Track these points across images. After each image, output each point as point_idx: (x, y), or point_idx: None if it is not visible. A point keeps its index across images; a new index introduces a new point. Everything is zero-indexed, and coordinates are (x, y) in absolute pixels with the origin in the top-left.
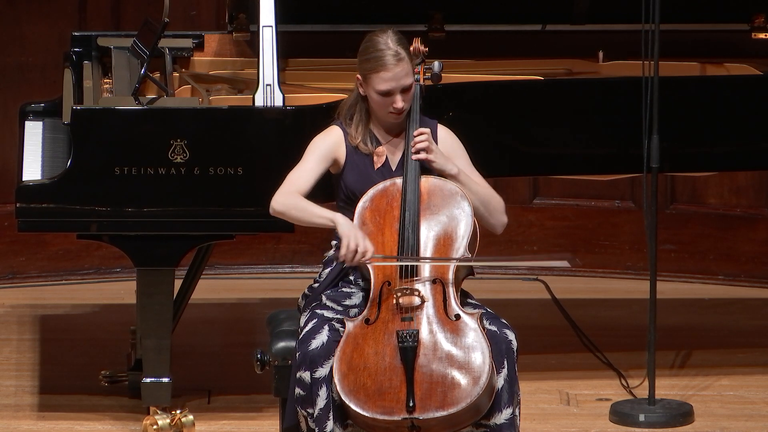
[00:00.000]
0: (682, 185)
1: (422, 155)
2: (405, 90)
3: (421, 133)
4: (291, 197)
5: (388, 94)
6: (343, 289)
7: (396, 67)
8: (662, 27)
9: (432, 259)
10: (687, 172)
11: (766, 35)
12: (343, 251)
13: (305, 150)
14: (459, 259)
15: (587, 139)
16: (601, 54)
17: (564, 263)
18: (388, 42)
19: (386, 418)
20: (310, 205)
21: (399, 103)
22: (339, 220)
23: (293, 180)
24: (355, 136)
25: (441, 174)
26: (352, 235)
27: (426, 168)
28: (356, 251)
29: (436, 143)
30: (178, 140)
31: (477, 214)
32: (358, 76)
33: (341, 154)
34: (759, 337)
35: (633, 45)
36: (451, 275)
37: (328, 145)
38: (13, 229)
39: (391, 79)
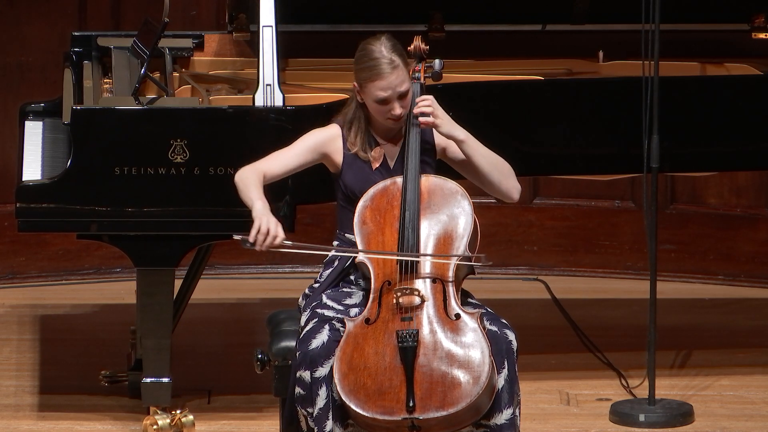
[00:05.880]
0: (682, 185)
1: (429, 119)
2: (402, 96)
3: (424, 99)
4: (249, 174)
5: (385, 102)
6: (344, 289)
7: (391, 75)
8: (662, 27)
9: (366, 251)
10: (687, 172)
11: (766, 35)
12: (253, 232)
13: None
14: (388, 253)
15: (587, 139)
16: (601, 54)
17: (479, 263)
18: (382, 50)
19: (386, 418)
20: (251, 187)
21: (397, 110)
22: (257, 204)
23: (268, 160)
24: (354, 143)
25: (449, 138)
26: (264, 219)
27: (426, 165)
28: (267, 234)
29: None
30: (178, 140)
31: (493, 180)
32: (355, 83)
33: (335, 150)
34: (759, 337)
35: (633, 45)
36: (451, 274)
37: (320, 139)
38: (13, 229)
39: (387, 87)
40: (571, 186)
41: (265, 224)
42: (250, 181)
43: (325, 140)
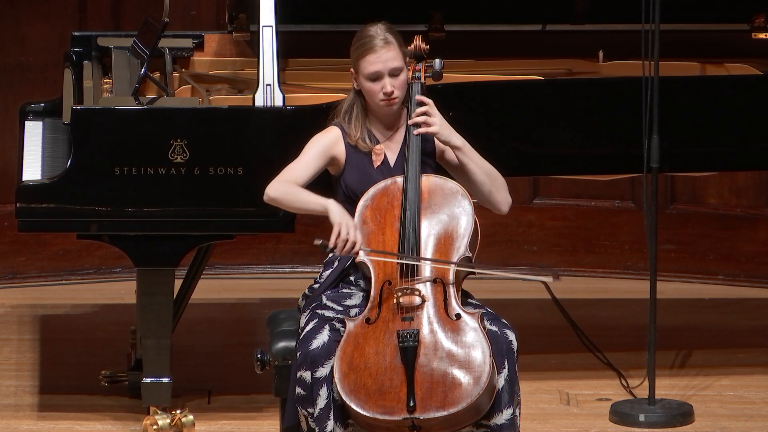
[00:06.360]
0: (682, 185)
1: (422, 129)
2: (394, 74)
3: (422, 103)
4: (286, 185)
5: (376, 78)
6: (344, 290)
7: (383, 49)
8: (662, 27)
9: (432, 260)
10: (687, 172)
11: (766, 35)
12: (333, 239)
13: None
14: (449, 262)
15: (587, 139)
16: (601, 54)
17: (548, 278)
18: (377, 30)
19: (387, 417)
20: (304, 192)
21: (388, 87)
22: (332, 207)
23: (290, 171)
24: (353, 134)
25: (446, 144)
26: (344, 223)
27: (427, 164)
28: (347, 240)
29: None
30: (178, 140)
31: (484, 190)
32: (352, 69)
33: (340, 153)
34: (759, 337)
35: (633, 45)
36: (451, 275)
37: (326, 143)
38: (13, 229)
39: (378, 60)
40: (571, 186)
41: (345, 229)
42: (294, 188)
43: (330, 143)
